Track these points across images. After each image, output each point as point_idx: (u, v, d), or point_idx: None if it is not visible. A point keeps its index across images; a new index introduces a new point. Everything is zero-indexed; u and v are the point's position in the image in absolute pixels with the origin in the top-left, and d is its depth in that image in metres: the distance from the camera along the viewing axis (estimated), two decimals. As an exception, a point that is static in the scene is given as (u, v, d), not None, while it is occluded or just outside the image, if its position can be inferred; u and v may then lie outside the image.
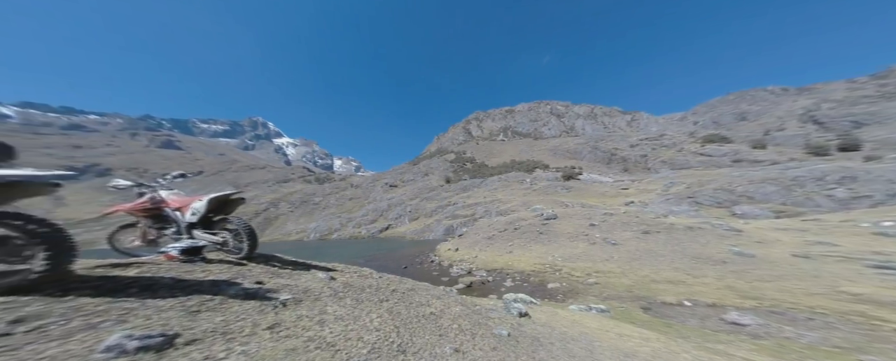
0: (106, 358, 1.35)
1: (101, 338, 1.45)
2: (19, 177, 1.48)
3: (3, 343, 1.28)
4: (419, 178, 72.96)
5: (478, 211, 35.63)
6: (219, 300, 2.18)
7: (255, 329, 2.01)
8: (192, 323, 1.82)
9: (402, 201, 54.84)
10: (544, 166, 64.93)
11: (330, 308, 2.66)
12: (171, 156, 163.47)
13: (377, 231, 44.26)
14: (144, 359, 1.41)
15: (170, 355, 1.50)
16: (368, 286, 3.62)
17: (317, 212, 62.41)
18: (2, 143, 1.67)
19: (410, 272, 9.90)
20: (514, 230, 16.62)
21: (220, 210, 2.98)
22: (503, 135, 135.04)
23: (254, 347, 1.82)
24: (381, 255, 16.75)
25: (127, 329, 1.55)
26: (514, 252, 13.31)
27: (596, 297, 7.27)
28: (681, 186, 30.13)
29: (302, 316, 2.35)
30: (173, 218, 2.76)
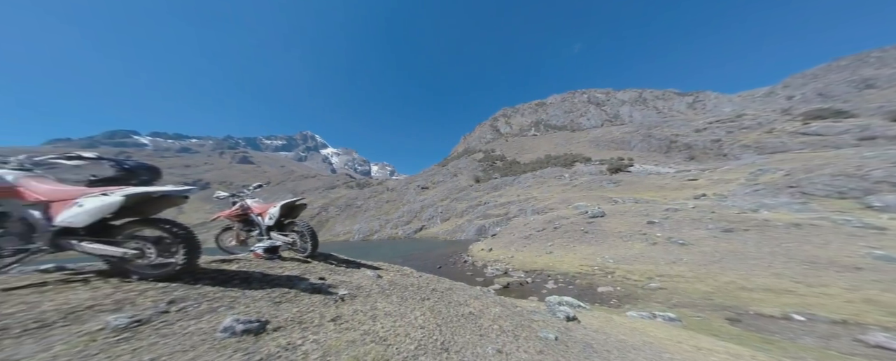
0: (223, 337, 1.70)
1: (219, 320, 1.85)
2: (167, 191, 1.99)
3: (163, 318, 1.72)
4: (448, 179, 73.82)
5: (511, 210, 34.30)
6: (294, 293, 2.56)
7: (322, 321, 2.30)
8: (277, 312, 2.17)
9: (434, 202, 56.17)
10: (585, 159, 59.06)
11: (380, 304, 2.89)
12: (247, 170, 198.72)
13: (412, 231, 46.23)
14: (247, 340, 1.74)
15: (263, 339, 1.81)
16: (410, 284, 3.84)
17: (359, 215, 68.26)
18: (154, 166, 2.28)
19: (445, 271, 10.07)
20: (554, 229, 15.52)
21: (289, 214, 3.52)
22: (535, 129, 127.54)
23: (322, 337, 2.08)
24: (417, 255, 17.44)
25: (235, 314, 1.93)
26: (554, 252, 12.44)
27: (661, 304, 6.31)
28: (776, 173, 23.96)
29: (357, 311, 2.60)
30: (257, 222, 3.36)
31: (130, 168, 2.15)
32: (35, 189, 1.78)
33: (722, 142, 55.26)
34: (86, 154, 2.11)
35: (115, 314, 1.63)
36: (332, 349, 1.91)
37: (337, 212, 74.43)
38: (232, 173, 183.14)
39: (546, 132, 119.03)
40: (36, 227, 1.74)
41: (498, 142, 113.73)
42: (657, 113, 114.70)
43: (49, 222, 1.74)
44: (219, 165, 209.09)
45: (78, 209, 1.73)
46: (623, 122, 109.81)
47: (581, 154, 65.04)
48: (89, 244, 1.81)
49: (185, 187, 2.11)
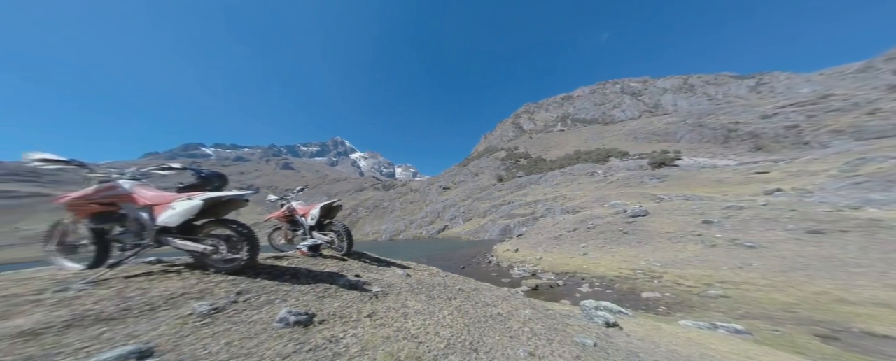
0: (279, 327, 1.93)
1: (275, 311, 2.09)
2: (234, 195, 2.34)
3: (234, 307, 2.01)
4: (470, 179, 73.28)
5: (538, 209, 32.76)
6: (334, 288, 2.78)
7: (359, 316, 2.46)
8: (321, 306, 2.39)
9: (455, 202, 56.22)
10: (621, 154, 53.92)
11: (410, 302, 3.00)
12: (289, 175, 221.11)
13: (435, 232, 46.88)
14: (298, 331, 1.94)
15: (311, 330, 2.00)
16: (437, 284, 3.91)
17: (386, 216, 71.40)
18: (223, 174, 2.69)
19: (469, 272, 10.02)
20: (588, 230, 14.46)
21: (328, 215, 3.84)
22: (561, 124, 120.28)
23: (360, 331, 2.23)
24: (441, 255, 17.63)
25: (288, 307, 2.17)
26: (589, 254, 11.60)
27: (724, 313, 5.50)
28: (885, 163, 19.08)
29: (390, 308, 2.73)
30: (301, 223, 3.73)
31: (206, 176, 2.57)
32: (143, 195, 2.22)
33: (801, 128, 46.09)
34: (174, 165, 2.59)
35: (199, 301, 1.95)
36: (369, 343, 2.03)
37: (366, 213, 78.82)
38: (277, 178, 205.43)
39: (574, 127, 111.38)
40: (145, 226, 2.17)
41: (521, 139, 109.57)
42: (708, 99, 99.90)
43: (153, 222, 2.16)
44: (266, 171, 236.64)
45: (172, 211, 2.12)
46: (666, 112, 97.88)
47: (616, 148, 59.52)
48: (180, 241, 2.20)
49: (247, 191, 2.47)
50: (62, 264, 2.24)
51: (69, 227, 2.28)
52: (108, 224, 2.16)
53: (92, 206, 2.10)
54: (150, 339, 1.50)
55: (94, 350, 1.37)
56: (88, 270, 2.12)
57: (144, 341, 1.48)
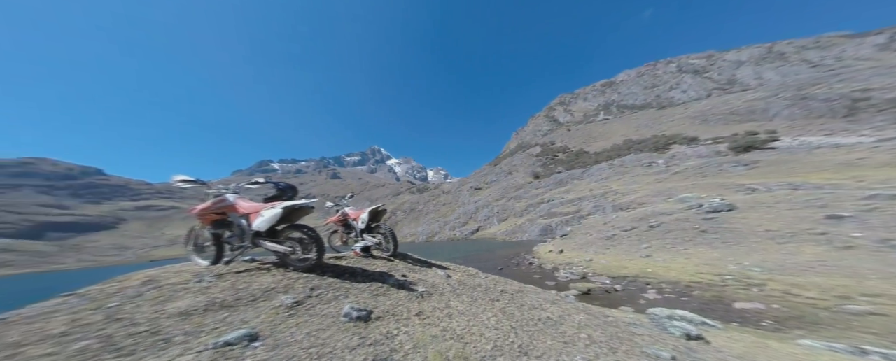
0: (344, 321, 2.19)
1: (340, 306, 2.38)
2: (304, 203, 2.78)
3: (309, 301, 2.37)
4: (502, 178, 70.88)
5: (584, 207, 29.86)
6: (385, 287, 3.02)
7: (409, 315, 2.63)
8: (376, 303, 2.63)
9: (488, 203, 55.00)
10: (688, 139, 45.61)
11: (453, 303, 3.06)
12: (337, 184, 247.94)
13: (469, 232, 46.66)
14: (360, 326, 2.17)
15: (370, 325, 2.22)
16: (478, 285, 3.90)
17: (421, 218, 74.07)
18: (294, 186, 3.21)
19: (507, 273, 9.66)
20: (650, 228, 12.59)
21: (375, 218, 4.20)
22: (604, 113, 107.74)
23: (411, 329, 2.37)
24: (476, 256, 17.44)
25: (351, 303, 2.44)
26: (654, 256, 10.09)
27: (878, 336, 4.16)
28: None
29: (435, 308, 2.84)
30: (353, 226, 4.16)
31: (282, 188, 3.12)
32: (242, 205, 2.81)
33: None
34: (259, 180, 3.20)
35: (285, 295, 2.34)
36: (419, 342, 2.15)
37: (403, 216, 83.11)
38: (328, 187, 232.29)
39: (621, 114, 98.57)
40: (244, 231, 2.73)
41: (558, 132, 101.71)
42: (811, 66, 77.19)
43: (250, 227, 2.70)
44: (319, 181, 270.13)
45: (261, 218, 2.62)
46: (747, 87, 79.21)
47: (680, 133, 50.54)
48: (268, 243, 2.71)
49: (312, 200, 2.91)
50: (196, 261, 2.96)
51: (199, 232, 3.01)
52: (221, 229, 2.79)
53: (211, 215, 2.74)
54: (255, 325, 1.88)
55: (222, 330, 1.78)
56: (212, 266, 2.76)
57: (252, 326, 1.85)
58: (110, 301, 1.94)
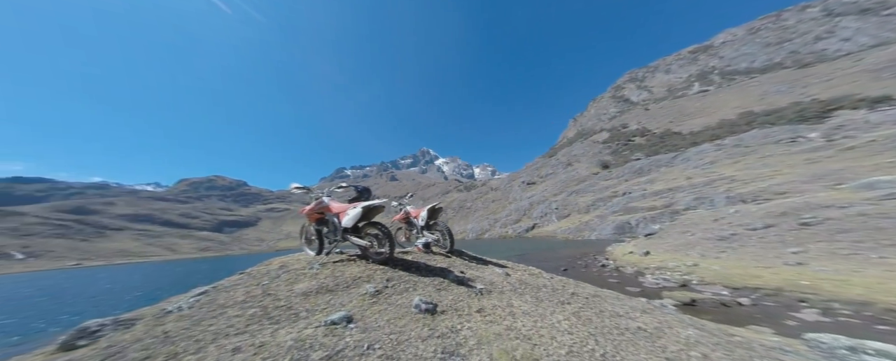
0: (415, 312, 2.44)
1: (411, 298, 2.67)
2: (379, 203, 3.27)
3: (386, 291, 2.75)
4: (560, 170, 63.51)
5: (679, 198, 23.85)
6: (446, 283, 3.21)
7: (470, 311, 2.71)
8: (440, 298, 2.82)
9: (545, 198, 50.33)
10: (870, 101, 30.49)
11: (515, 302, 2.99)
12: (395, 186, 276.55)
13: (523, 230, 43.92)
14: (428, 318, 2.38)
15: (437, 318, 2.40)
16: (542, 285, 3.69)
17: (470, 216, 74.46)
18: (368, 188, 3.80)
19: (573, 275, 8.54)
20: (802, 226, 9.06)
21: (432, 216, 4.48)
22: (700, 84, 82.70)
23: (474, 325, 2.44)
24: (534, 255, 16.25)
25: (419, 295, 2.71)
26: (811, 263, 7.24)
27: None
28: None
29: (495, 306, 2.83)
30: (415, 224, 4.56)
31: (360, 190, 3.74)
32: (334, 206, 3.50)
33: None
34: (343, 185, 3.93)
35: (368, 284, 2.80)
36: (483, 338, 2.19)
37: (452, 214, 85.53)
38: (388, 189, 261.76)
39: (729, 82, 73.72)
40: (336, 228, 3.39)
41: (631, 113, 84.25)
42: None
43: (340, 224, 3.33)
44: (380, 184, 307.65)
45: (347, 217, 3.21)
46: None
47: (850, 95, 34.23)
48: (354, 238, 3.28)
49: (383, 200, 3.39)
50: (307, 251, 3.87)
51: (307, 228, 3.91)
52: (322, 226, 3.54)
53: (314, 214, 3.52)
54: (350, 309, 2.32)
55: (328, 310, 2.28)
56: (317, 256, 3.55)
57: (348, 310, 2.30)
58: (263, 280, 2.77)
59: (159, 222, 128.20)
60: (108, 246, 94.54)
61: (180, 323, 2.03)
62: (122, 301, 10.43)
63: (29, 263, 72.42)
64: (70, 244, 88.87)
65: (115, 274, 29.31)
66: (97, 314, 2.68)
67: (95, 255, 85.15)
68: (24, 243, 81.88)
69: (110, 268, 46.76)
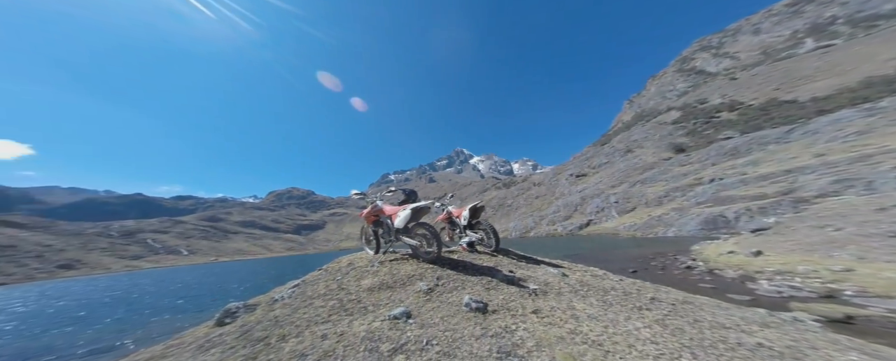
0: (466, 310, 2.47)
1: (461, 296, 2.72)
2: (426, 204, 3.46)
3: (437, 289, 2.88)
4: (618, 159, 54.82)
5: (805, 182, 17.97)
6: (495, 282, 3.16)
7: (524, 311, 2.60)
8: (490, 297, 2.80)
9: (600, 191, 44.26)
10: None
11: (577, 304, 2.74)
12: (433, 187, 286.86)
13: (575, 227, 39.50)
14: (479, 316, 2.38)
15: (488, 317, 2.38)
16: (610, 288, 3.31)
17: (512, 213, 71.20)
18: (414, 191, 4.06)
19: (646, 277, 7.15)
20: None
21: (475, 215, 4.46)
22: (813, 40, 60.87)
23: (530, 326, 2.33)
24: (589, 254, 14.41)
25: (468, 294, 2.74)
26: None
27: None
28: None
29: (553, 308, 2.64)
30: (457, 223, 4.64)
31: (408, 193, 4.03)
32: (386, 209, 3.85)
33: None
34: (392, 189, 4.28)
35: (421, 282, 2.98)
36: (543, 341, 2.07)
37: (492, 213, 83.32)
38: (427, 191, 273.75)
39: (869, 30, 52.29)
40: (390, 229, 3.72)
41: (709, 86, 67.88)
42: None
43: (392, 225, 3.64)
44: (420, 186, 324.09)
45: (399, 218, 3.49)
46: None
47: None
48: (405, 238, 3.55)
49: (429, 201, 3.57)
50: (367, 250, 4.35)
51: (366, 229, 4.40)
52: (378, 227, 3.94)
53: (371, 217, 3.95)
54: (408, 305, 2.50)
55: (390, 306, 2.51)
56: (375, 255, 3.97)
57: (406, 306, 2.49)
58: (337, 275, 3.25)
59: (259, 227, 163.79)
60: (231, 246, 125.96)
61: (284, 311, 2.55)
62: (245, 289, 13.84)
63: (190, 257, 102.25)
64: (209, 244, 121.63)
65: (237, 267, 38.81)
66: (234, 298, 3.68)
67: (224, 253, 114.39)
68: (187, 243, 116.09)
69: (233, 263, 62.71)
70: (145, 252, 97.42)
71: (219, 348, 2.14)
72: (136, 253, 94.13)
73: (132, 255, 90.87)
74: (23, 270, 60.57)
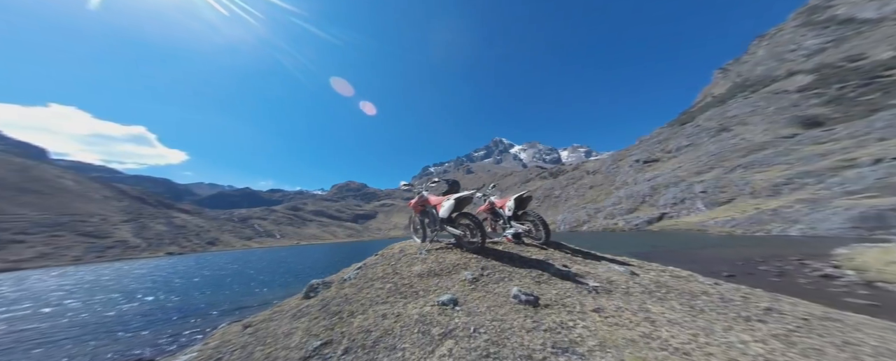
0: (514, 302, 2.36)
1: (508, 288, 2.62)
2: (469, 194, 3.44)
3: (482, 279, 2.85)
4: (706, 139, 43.45)
5: None
6: (546, 276, 2.94)
7: (583, 309, 2.34)
8: (541, 290, 2.61)
9: (679, 178, 36.13)
10: None
11: (652, 307, 2.38)
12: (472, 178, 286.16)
13: (643, 222, 33.51)
14: (529, 309, 2.25)
15: (540, 312, 2.23)
16: (701, 292, 2.76)
17: (560, 205, 65.20)
18: (457, 181, 4.07)
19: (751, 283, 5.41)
20: None
21: (521, 206, 4.19)
22: None
23: (591, 325, 2.08)
24: (663, 253, 11.99)
25: (516, 286, 2.62)
26: None
27: None
28: None
29: (621, 308, 2.33)
30: (500, 214, 4.44)
31: (451, 183, 4.07)
32: (432, 199, 3.98)
33: None
34: (436, 179, 4.38)
35: (466, 271, 2.99)
36: (607, 341, 1.85)
37: (536, 204, 78.00)
38: (465, 182, 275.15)
39: None
40: (435, 218, 3.85)
41: (865, 37, 47.32)
42: None
43: (437, 215, 3.75)
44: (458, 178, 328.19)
45: (443, 208, 3.57)
46: None
47: None
48: (449, 228, 3.62)
49: (472, 191, 3.54)
50: (414, 239, 4.62)
51: (414, 218, 4.65)
52: (424, 217, 4.13)
53: (418, 207, 4.16)
54: (454, 292, 2.55)
55: (439, 292, 2.60)
56: (422, 243, 4.18)
57: (453, 293, 2.53)
58: (391, 261, 3.54)
59: (326, 215, 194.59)
60: (308, 232, 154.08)
61: (351, 289, 2.93)
62: (318, 268, 16.89)
63: (281, 240, 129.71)
64: (293, 229, 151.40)
65: (312, 250, 47.36)
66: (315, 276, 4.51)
67: (303, 238, 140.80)
68: (278, 228, 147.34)
69: (310, 246, 76.72)
70: (253, 234, 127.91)
71: (307, 317, 2.61)
72: (248, 235, 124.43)
73: (245, 236, 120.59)
74: (190, 243, 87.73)
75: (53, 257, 49.32)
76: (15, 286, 17.58)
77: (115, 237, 67.61)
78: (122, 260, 48.45)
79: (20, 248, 48.93)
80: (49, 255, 49.55)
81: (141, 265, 30.85)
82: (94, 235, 64.06)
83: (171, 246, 76.09)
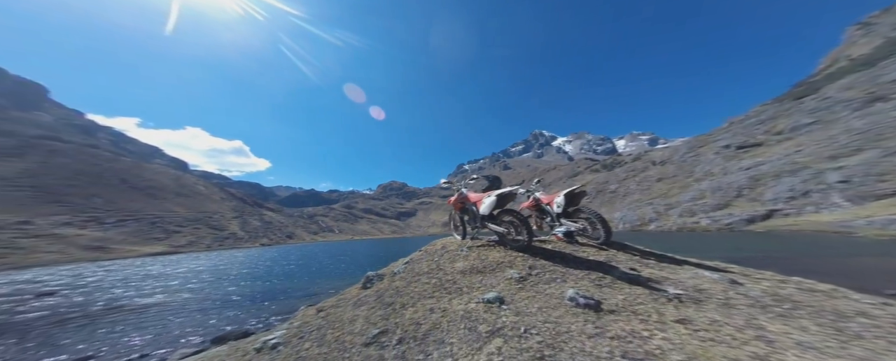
0: (570, 305, 2.13)
1: (562, 289, 2.38)
2: (512, 190, 3.28)
3: (530, 279, 2.66)
4: (845, 114, 31.60)
5: None
6: (610, 279, 2.57)
7: (662, 318, 1.96)
8: (603, 295, 2.30)
9: (798, 165, 27.19)
10: None
11: (768, 324, 1.89)
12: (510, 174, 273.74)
13: (739, 220, 26.33)
14: (590, 314, 1.99)
15: (603, 317, 1.96)
16: (856, 312, 2.07)
17: (617, 201, 56.58)
18: (498, 177, 3.93)
19: None
20: None
21: (572, 202, 3.76)
22: None
23: (674, 337, 1.73)
24: (778, 260, 9.12)
25: (572, 288, 2.36)
26: None
27: None
28: None
29: (718, 322, 1.91)
30: (548, 211, 4.07)
31: (491, 180, 3.98)
32: (472, 196, 3.91)
33: None
34: (474, 176, 4.32)
35: (510, 270, 2.84)
36: (699, 357, 1.55)
37: (587, 201, 69.51)
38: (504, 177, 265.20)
39: None
40: (475, 216, 3.79)
41: None
42: None
43: (478, 212, 3.69)
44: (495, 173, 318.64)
45: (484, 205, 3.47)
46: None
47: None
48: (491, 224, 3.52)
49: (515, 187, 3.35)
50: (455, 236, 4.63)
51: (454, 216, 4.66)
52: (464, 214, 4.11)
53: (458, 204, 4.17)
54: (499, 291, 2.44)
55: (482, 289, 2.53)
56: (462, 240, 4.17)
57: (498, 291, 2.44)
58: (434, 256, 3.63)
59: (374, 213, 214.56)
60: (359, 228, 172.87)
61: (401, 283, 3.09)
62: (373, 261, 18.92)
63: (339, 235, 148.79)
64: (348, 226, 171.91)
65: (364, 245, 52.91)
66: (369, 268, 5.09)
67: (357, 233, 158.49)
68: (337, 225, 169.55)
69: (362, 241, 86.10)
70: (319, 229, 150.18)
71: (365, 306, 2.87)
72: (314, 230, 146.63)
73: (313, 231, 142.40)
74: (276, 236, 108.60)
75: (196, 244, 67.83)
76: (166, 267, 24.48)
77: (228, 230, 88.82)
78: (234, 249, 63.40)
79: (178, 237, 68.94)
80: (194, 243, 68.41)
81: (244, 254, 39.41)
82: (217, 228, 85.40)
83: (263, 238, 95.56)
